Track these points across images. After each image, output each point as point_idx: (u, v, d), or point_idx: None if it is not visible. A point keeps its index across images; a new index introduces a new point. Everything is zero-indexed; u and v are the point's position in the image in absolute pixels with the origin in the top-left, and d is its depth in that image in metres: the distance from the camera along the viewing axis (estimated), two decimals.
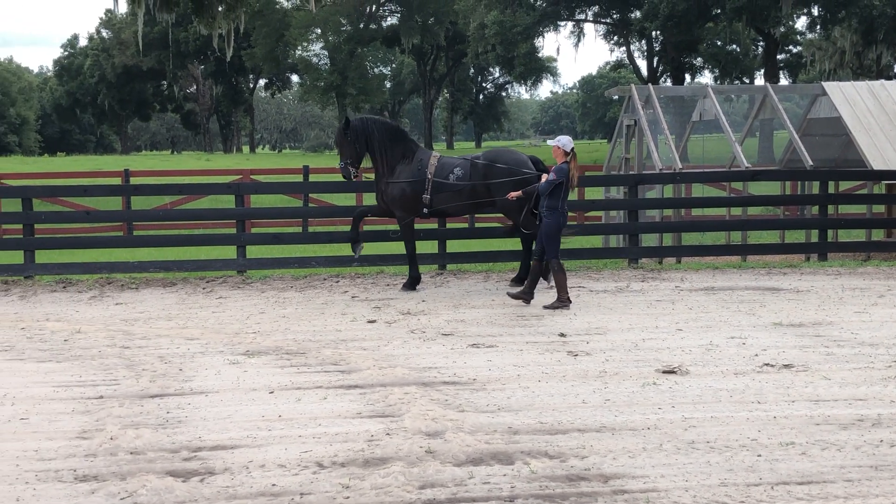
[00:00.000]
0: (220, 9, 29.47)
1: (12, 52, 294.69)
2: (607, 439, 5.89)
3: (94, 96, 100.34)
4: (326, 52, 76.27)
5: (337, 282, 12.96)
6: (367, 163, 12.57)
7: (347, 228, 18.82)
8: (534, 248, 11.32)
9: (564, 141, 10.93)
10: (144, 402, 6.85)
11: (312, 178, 20.54)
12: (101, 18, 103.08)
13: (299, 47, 77.58)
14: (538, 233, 11.04)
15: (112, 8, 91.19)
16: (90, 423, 6.33)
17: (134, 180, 19.86)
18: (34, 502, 4.92)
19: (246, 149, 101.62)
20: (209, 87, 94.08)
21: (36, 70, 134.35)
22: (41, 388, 7.35)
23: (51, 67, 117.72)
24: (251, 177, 20.77)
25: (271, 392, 7.10)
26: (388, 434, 5.98)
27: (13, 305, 11.63)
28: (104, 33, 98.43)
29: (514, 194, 11.26)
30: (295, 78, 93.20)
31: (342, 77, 72.18)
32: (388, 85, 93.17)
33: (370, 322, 10.03)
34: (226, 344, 9.00)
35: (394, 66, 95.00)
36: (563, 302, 10.72)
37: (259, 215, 16.81)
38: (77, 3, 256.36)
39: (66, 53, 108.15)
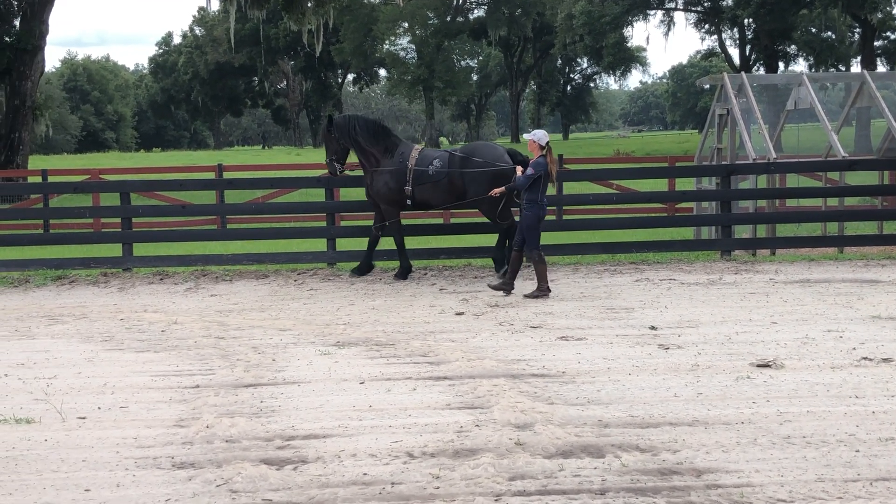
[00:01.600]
0: (309, 5, 29.83)
1: (109, 50, 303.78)
2: (700, 433, 5.81)
3: (187, 93, 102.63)
4: (413, 46, 76.59)
5: (425, 274, 13.03)
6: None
7: (437, 221, 18.93)
8: (515, 239, 11.50)
9: (539, 135, 11.21)
10: (239, 391, 6.99)
11: None
12: (194, 16, 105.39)
13: (387, 41, 78.05)
14: (518, 225, 11.27)
15: (205, 6, 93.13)
16: (187, 411, 6.49)
17: (227, 175, 20.30)
18: (134, 488, 5.06)
19: None
20: (299, 82, 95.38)
21: (132, 68, 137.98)
22: (140, 377, 7.56)
23: (146, 65, 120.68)
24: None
25: (362, 382, 7.17)
26: (477, 425, 5.99)
27: (112, 297, 11.99)
28: (197, 31, 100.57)
29: (497, 191, 11.53)
30: (382, 72, 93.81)
31: (429, 70, 72.40)
32: (475, 78, 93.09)
33: (458, 314, 10.06)
34: (317, 335, 9.12)
35: (480, 58, 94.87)
36: (542, 292, 10.99)
37: (348, 208, 16.93)
38: (171, 1, 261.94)
39: (161, 51, 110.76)
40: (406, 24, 74.67)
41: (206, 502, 4.83)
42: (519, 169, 11.41)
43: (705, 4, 59.92)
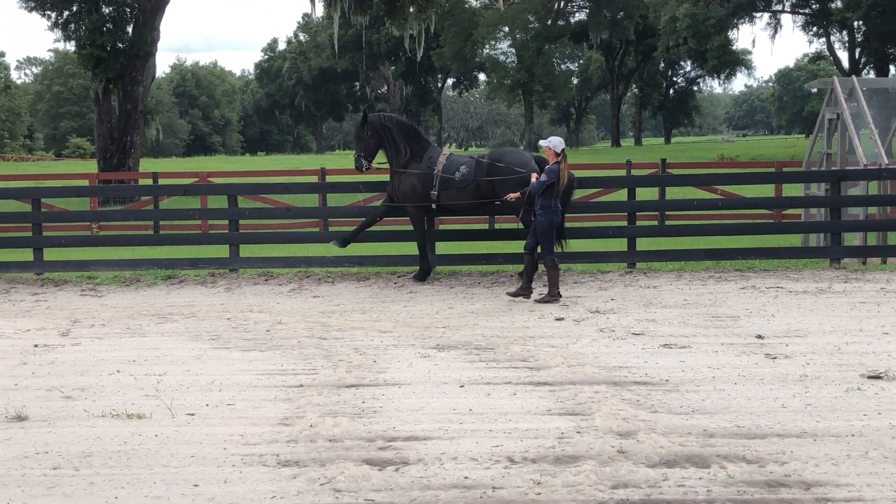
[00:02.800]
0: (411, 10, 30.09)
1: (216, 56, 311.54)
2: (808, 445, 5.65)
3: (291, 98, 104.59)
4: (514, 50, 76.50)
5: None
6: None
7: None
8: (526, 242, 11.54)
9: (555, 142, 11.28)
10: (341, 391, 7.08)
11: None
12: (298, 23, 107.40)
13: (487, 46, 78.14)
14: (532, 229, 11.37)
15: (309, 12, 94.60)
16: (291, 410, 6.60)
17: (329, 178, 20.58)
18: (240, 484, 5.17)
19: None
20: (399, 87, 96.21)
21: (238, 73, 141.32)
22: (246, 375, 7.72)
23: (252, 71, 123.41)
24: None
25: (461, 386, 7.19)
26: (578, 432, 5.94)
27: (220, 297, 12.28)
28: (302, 37, 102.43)
29: (512, 196, 11.70)
30: (482, 76, 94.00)
31: (529, 74, 72.23)
32: (575, 81, 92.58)
33: (558, 319, 10.00)
34: (417, 337, 9.18)
35: (581, 61, 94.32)
36: (553, 297, 11.10)
37: (447, 212, 17.01)
38: (276, 8, 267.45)
39: (266, 57, 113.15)
40: (506, 28, 74.69)
41: (310, 500, 4.90)
42: (534, 175, 11.43)
43: (813, 6, 58.34)
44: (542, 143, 11.59)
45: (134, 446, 5.84)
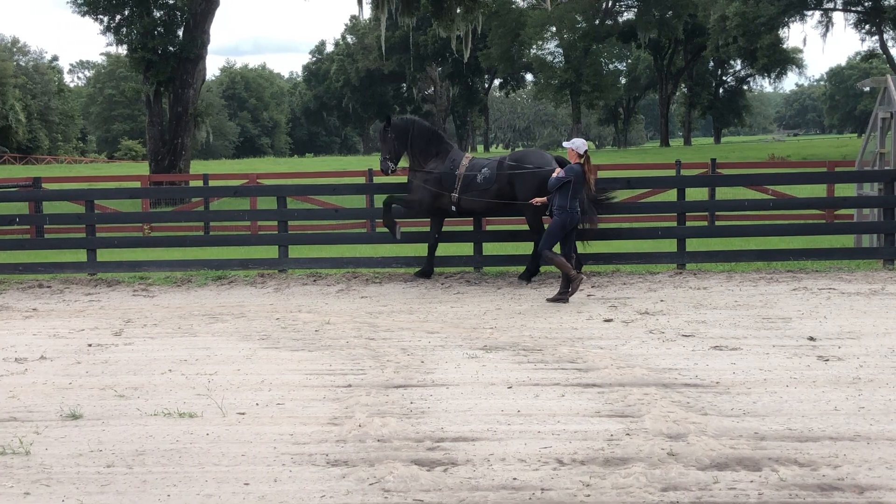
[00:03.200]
0: (458, 11, 30.12)
1: (265, 58, 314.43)
2: (862, 449, 5.56)
3: (339, 100, 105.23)
4: (561, 50, 76.33)
5: None
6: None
7: (581, 226, 18.79)
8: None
9: (578, 143, 11.40)
10: (389, 391, 7.11)
11: None
12: (346, 25, 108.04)
13: (534, 46, 78.03)
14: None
15: (357, 14, 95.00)
16: (340, 409, 6.63)
17: (377, 179, 20.65)
18: (290, 483, 5.21)
19: (480, 147, 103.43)
20: (446, 88, 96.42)
21: (286, 76, 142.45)
22: (295, 375, 7.78)
23: (300, 73, 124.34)
24: None
25: (509, 387, 7.18)
26: (628, 434, 5.91)
27: (269, 297, 12.39)
28: (349, 39, 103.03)
29: (538, 200, 11.70)
30: (529, 77, 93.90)
31: (576, 74, 71.99)
32: (623, 81, 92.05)
33: (606, 321, 9.95)
34: (464, 338, 9.19)
35: (629, 61, 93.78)
36: (561, 295, 11.14)
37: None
38: (324, 10, 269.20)
39: (314, 59, 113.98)
40: (554, 29, 74.51)
41: (359, 500, 4.92)
42: (556, 170, 11.45)
43: (866, 4, 57.48)
44: (565, 143, 11.65)
45: (186, 445, 5.91)
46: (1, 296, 13.02)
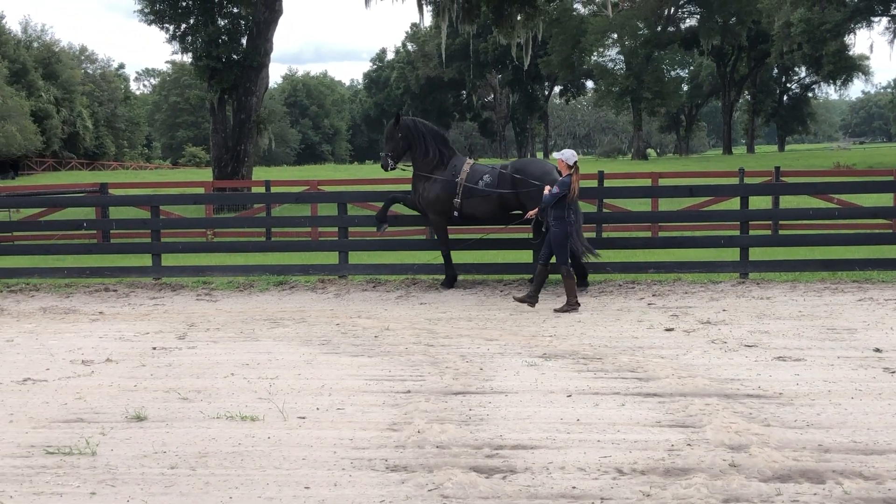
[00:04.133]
0: (519, 18, 30.13)
1: (326, 66, 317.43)
2: None
3: (399, 107, 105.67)
4: (622, 57, 75.87)
5: (632, 288, 12.84)
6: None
7: (644, 234, 18.65)
8: (541, 252, 11.71)
9: (568, 155, 11.45)
10: (448, 398, 7.12)
11: (607, 183, 20.49)
12: (406, 32, 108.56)
13: (595, 52, 77.68)
14: (545, 240, 11.56)
15: (417, 21, 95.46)
16: (399, 415, 6.66)
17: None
18: (350, 488, 5.24)
19: (540, 154, 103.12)
20: (506, 95, 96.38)
21: (347, 83, 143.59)
22: (354, 380, 7.83)
23: (361, 80, 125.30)
24: None
25: (569, 395, 7.14)
26: (689, 445, 5.85)
27: (329, 302, 12.49)
28: (409, 47, 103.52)
29: (530, 214, 11.91)
30: (590, 83, 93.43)
31: (638, 81, 71.49)
32: (685, 88, 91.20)
33: (668, 330, 9.85)
34: (523, 346, 9.16)
35: (691, 68, 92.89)
36: (571, 306, 11.22)
37: None
38: (385, 18, 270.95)
39: (375, 67, 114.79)
40: (615, 35, 74.09)
41: None
42: (547, 188, 11.47)
43: None
44: (555, 154, 11.76)
45: (247, 448, 5.98)
46: (69, 299, 13.31)
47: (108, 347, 9.55)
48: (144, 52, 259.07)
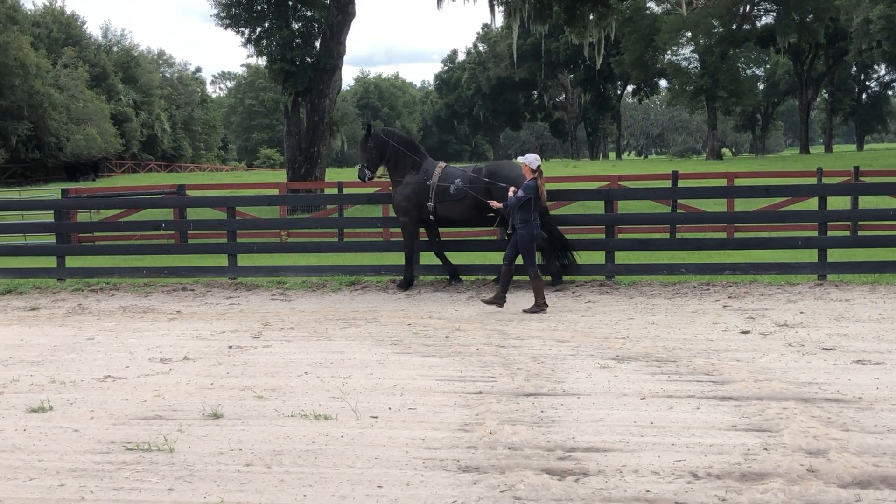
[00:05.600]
0: (591, 17, 29.91)
1: (398, 68, 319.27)
2: None
3: (469, 108, 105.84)
4: (696, 55, 74.85)
5: (707, 289, 12.66)
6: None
7: (718, 235, 18.37)
8: (506, 254, 11.81)
9: (531, 159, 11.57)
10: (520, 399, 7.10)
11: (681, 183, 20.24)
12: (477, 33, 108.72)
13: (668, 51, 76.80)
14: (512, 242, 11.66)
15: (489, 22, 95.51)
16: (470, 416, 6.67)
17: None
18: (422, 488, 5.26)
19: (612, 155, 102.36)
20: (577, 95, 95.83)
21: (418, 84, 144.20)
22: (426, 380, 7.87)
23: (432, 82, 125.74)
24: (619, 183, 20.88)
25: (642, 398, 7.07)
26: (765, 449, 5.75)
27: (400, 303, 12.55)
28: (481, 47, 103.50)
29: (496, 204, 12.12)
30: (663, 83, 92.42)
31: (712, 80, 70.48)
32: (761, 86, 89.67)
33: (743, 332, 9.70)
34: (595, 348, 9.10)
35: (767, 66, 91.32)
36: (539, 307, 11.30)
37: (627, 221, 16.82)
38: (456, 19, 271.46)
39: (446, 68, 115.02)
40: (689, 34, 73.13)
41: None
42: (511, 190, 11.60)
43: None
44: (519, 159, 11.85)
45: (321, 446, 6.04)
46: (147, 298, 13.60)
47: (186, 346, 9.74)
48: (220, 55, 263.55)
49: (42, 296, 14.13)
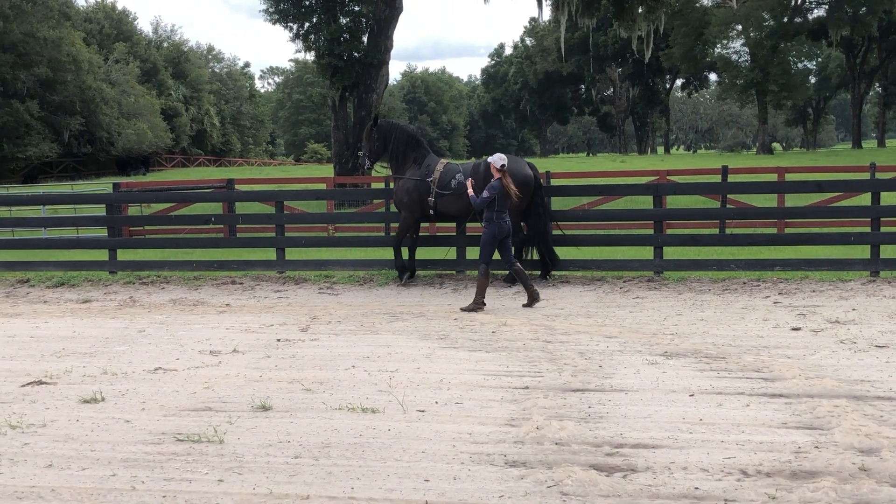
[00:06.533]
0: (640, 11, 29.66)
1: (444, 63, 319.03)
2: None
3: (516, 102, 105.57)
4: (747, 49, 73.90)
5: (757, 286, 12.51)
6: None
7: (769, 231, 18.14)
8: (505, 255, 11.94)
9: (495, 158, 11.66)
10: (567, 395, 7.08)
11: (731, 178, 20.01)
12: (525, 27, 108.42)
13: (718, 45, 75.91)
14: (501, 243, 11.70)
15: (536, 16, 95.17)
16: (517, 411, 6.66)
17: (554, 182, 20.60)
18: (469, 482, 5.27)
19: (660, 149, 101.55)
20: (625, 89, 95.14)
21: (465, 79, 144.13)
22: (473, 375, 7.87)
23: (478, 76, 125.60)
24: (667, 178, 20.70)
25: (691, 395, 7.02)
26: (816, 447, 5.67)
27: (447, 297, 12.57)
28: (528, 41, 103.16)
29: (469, 186, 11.96)
30: (713, 76, 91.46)
31: (763, 74, 69.57)
32: (813, 80, 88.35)
33: (794, 329, 9.58)
34: (643, 344, 9.04)
35: (819, 60, 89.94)
36: (478, 305, 11.41)
37: (676, 216, 16.66)
38: (503, 13, 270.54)
39: (493, 62, 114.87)
40: (739, 27, 72.23)
41: (537, 502, 4.93)
42: (469, 183, 11.93)
43: None
44: (488, 159, 11.96)
45: (368, 439, 6.07)
46: (197, 291, 13.76)
47: (235, 339, 9.84)
48: (268, 51, 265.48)
49: (94, 288, 14.36)
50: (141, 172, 65.13)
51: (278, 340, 9.68)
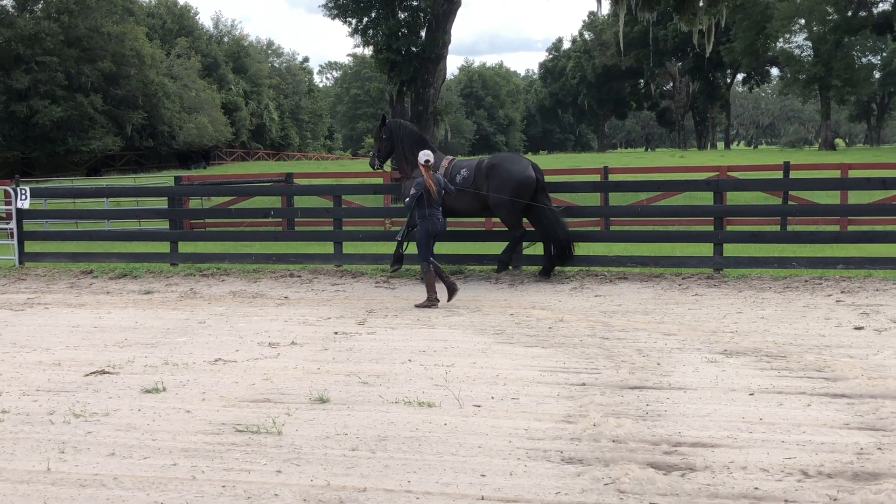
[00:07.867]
0: (701, 4, 29.32)
1: (502, 57, 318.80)
2: None
3: (574, 97, 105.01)
4: (810, 43, 72.67)
5: (819, 284, 12.30)
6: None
7: (832, 228, 17.84)
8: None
9: (421, 156, 11.91)
10: (624, 392, 7.04)
11: (793, 174, 19.71)
12: (583, 21, 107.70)
13: (781, 39, 74.71)
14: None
15: (595, 10, 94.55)
16: (574, 408, 6.63)
17: (612, 177, 20.47)
18: (525, 478, 5.26)
19: (720, 145, 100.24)
20: (685, 83, 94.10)
21: (522, 73, 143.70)
22: (529, 371, 7.85)
23: (536, 70, 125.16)
24: (728, 173, 20.44)
25: (751, 394, 6.93)
26: (879, 448, 5.57)
27: (503, 293, 12.55)
28: (586, 35, 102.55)
29: (428, 176, 11.81)
30: (774, 71, 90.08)
31: (826, 68, 68.35)
32: (877, 75, 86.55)
33: (857, 328, 9.41)
34: (703, 341, 8.95)
35: (884, 54, 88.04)
36: (431, 301, 11.45)
37: (736, 212, 16.44)
38: (561, 7, 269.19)
39: (551, 56, 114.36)
40: (802, 21, 71.04)
41: (594, 500, 4.90)
42: (427, 176, 11.75)
43: None
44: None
45: (425, 433, 6.09)
46: (256, 283, 13.91)
47: (293, 331, 9.93)
48: (327, 45, 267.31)
49: (156, 280, 14.59)
50: (201, 166, 65.94)
51: (336, 333, 9.75)
